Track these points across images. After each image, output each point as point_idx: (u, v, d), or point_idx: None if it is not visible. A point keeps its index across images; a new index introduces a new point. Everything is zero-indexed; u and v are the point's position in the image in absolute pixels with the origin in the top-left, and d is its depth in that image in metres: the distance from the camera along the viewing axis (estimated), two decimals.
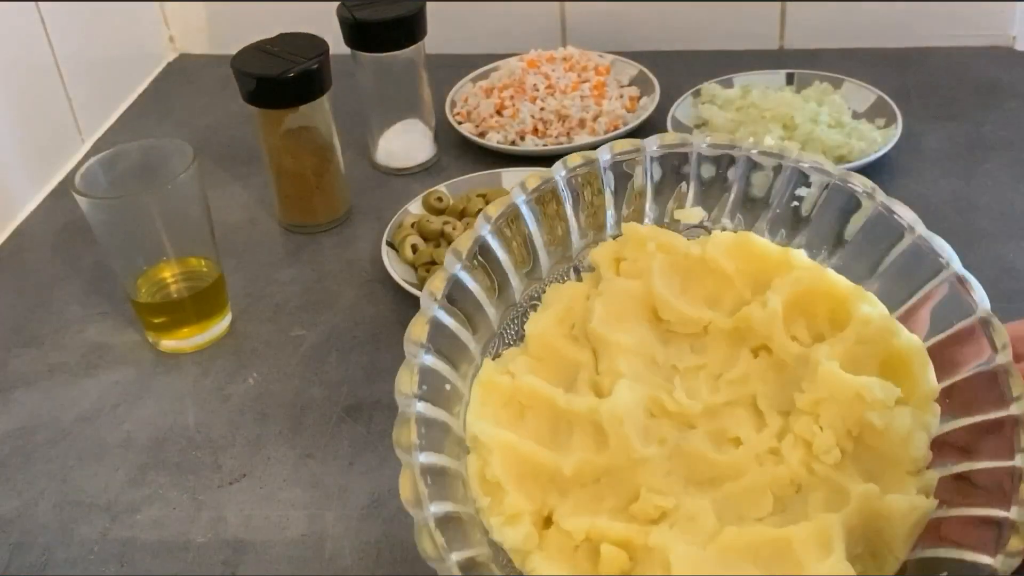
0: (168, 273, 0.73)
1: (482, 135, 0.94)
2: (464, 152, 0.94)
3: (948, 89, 0.97)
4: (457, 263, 0.48)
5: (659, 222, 0.53)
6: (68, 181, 0.87)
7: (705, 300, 0.51)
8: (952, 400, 0.46)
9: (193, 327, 0.74)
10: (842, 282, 0.48)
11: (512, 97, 0.95)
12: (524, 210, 0.50)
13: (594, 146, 0.93)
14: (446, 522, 0.42)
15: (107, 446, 0.67)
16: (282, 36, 0.82)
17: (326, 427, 0.67)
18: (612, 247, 0.52)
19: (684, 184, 0.53)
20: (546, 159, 0.90)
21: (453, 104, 0.98)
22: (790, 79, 0.95)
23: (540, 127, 0.93)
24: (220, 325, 0.75)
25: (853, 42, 1.04)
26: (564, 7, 1.07)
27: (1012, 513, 0.40)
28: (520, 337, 0.51)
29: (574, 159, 0.52)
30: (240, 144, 0.97)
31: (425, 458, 0.43)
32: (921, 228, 0.49)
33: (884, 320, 0.47)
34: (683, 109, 0.93)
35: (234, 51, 0.81)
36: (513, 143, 0.92)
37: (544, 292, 0.52)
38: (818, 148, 0.84)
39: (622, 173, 0.52)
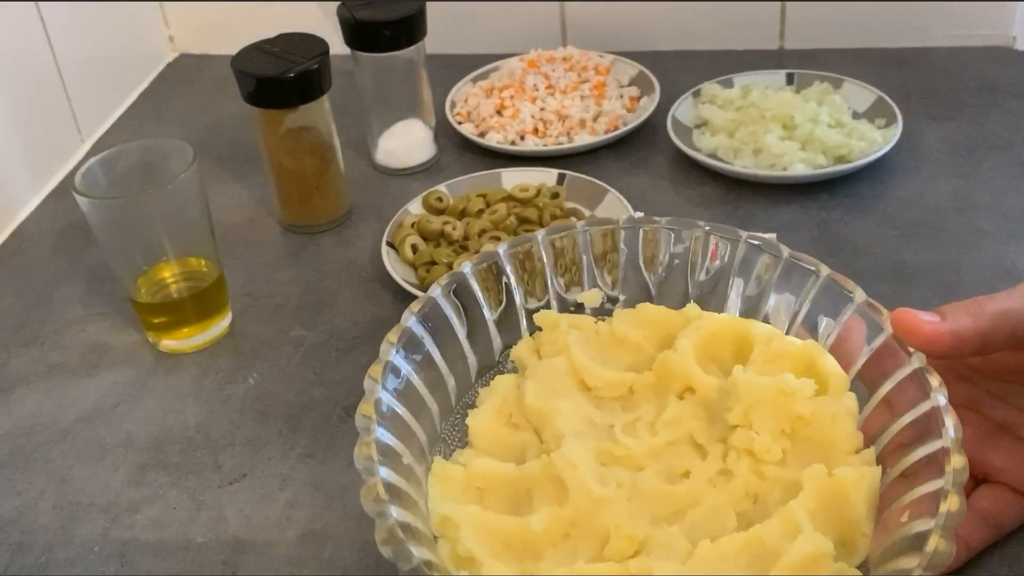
0: (168, 273, 0.73)
1: (482, 135, 0.94)
2: (464, 152, 0.94)
3: (948, 89, 0.97)
4: (392, 348, 0.51)
5: (563, 308, 0.59)
6: (68, 181, 0.87)
7: (624, 369, 0.56)
8: (890, 408, 0.49)
9: (193, 327, 0.74)
10: (732, 317, 0.55)
11: (512, 97, 0.95)
12: (442, 303, 0.55)
13: (594, 147, 0.93)
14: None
15: (107, 446, 0.67)
16: (282, 36, 0.82)
17: (326, 427, 0.67)
18: (530, 342, 0.57)
19: (576, 263, 0.58)
20: (546, 159, 0.90)
21: (453, 104, 0.98)
22: (790, 79, 0.95)
23: (540, 127, 0.93)
24: (220, 325, 0.75)
25: (853, 42, 1.04)
26: (564, 7, 1.07)
27: (944, 482, 0.43)
28: (463, 441, 0.55)
29: (479, 257, 0.57)
30: (240, 144, 0.97)
31: (398, 513, 0.44)
32: (786, 251, 0.55)
33: (777, 335, 0.53)
34: (683, 109, 0.93)
35: (234, 51, 0.81)
36: (513, 143, 0.92)
37: (476, 396, 0.56)
38: (818, 148, 0.84)
39: (521, 262, 0.58)
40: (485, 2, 1.08)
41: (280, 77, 0.77)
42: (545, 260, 0.58)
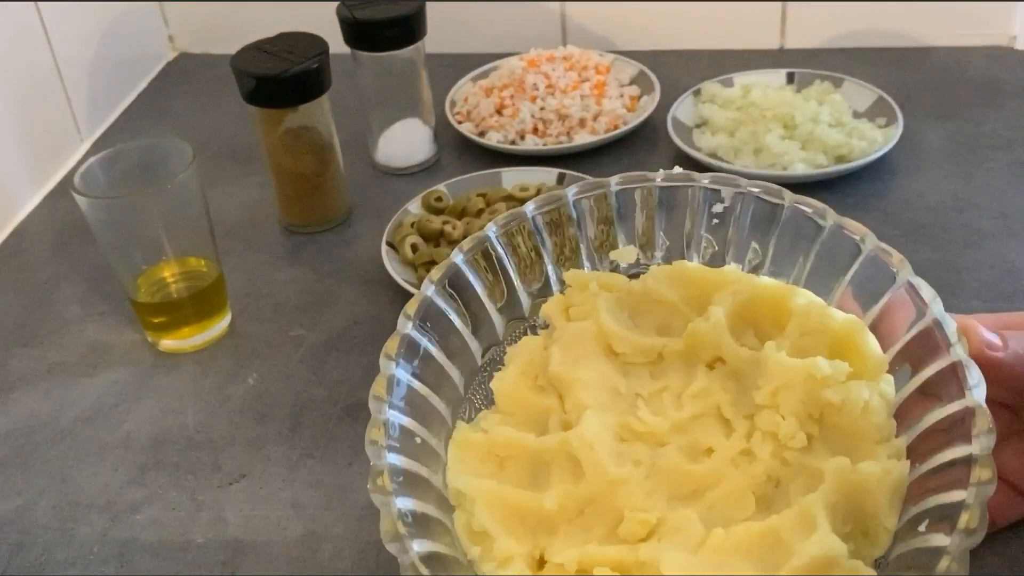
0: (168, 273, 0.73)
1: (482, 135, 0.93)
2: (464, 152, 0.94)
3: (948, 89, 0.97)
4: (408, 323, 0.50)
5: (597, 268, 0.56)
6: (67, 181, 0.86)
7: (656, 330, 0.54)
8: (926, 397, 0.47)
9: (193, 327, 0.74)
10: (774, 284, 0.52)
11: (512, 96, 0.95)
12: (464, 269, 0.53)
13: (594, 146, 0.93)
14: (429, 560, 0.43)
15: (107, 446, 0.67)
16: (282, 36, 0.82)
17: (326, 427, 0.67)
18: (560, 299, 0.55)
19: (613, 225, 0.56)
20: (546, 159, 0.90)
21: (453, 104, 0.98)
22: (790, 78, 0.95)
23: (540, 126, 0.93)
24: (220, 325, 0.75)
25: (853, 42, 1.04)
26: (564, 7, 1.07)
27: (973, 448, 0.42)
28: (489, 401, 0.53)
29: (503, 219, 0.55)
30: (240, 144, 0.97)
31: (403, 503, 0.44)
32: (832, 216, 0.52)
33: (818, 307, 0.50)
34: (683, 109, 0.93)
35: (234, 51, 0.81)
36: (513, 143, 0.92)
37: (504, 354, 0.55)
38: (819, 147, 0.84)
39: (550, 222, 0.55)
40: (485, 2, 1.08)
41: (280, 77, 0.77)
42: (575, 219, 0.55)
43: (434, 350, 0.51)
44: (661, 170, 0.56)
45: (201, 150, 0.74)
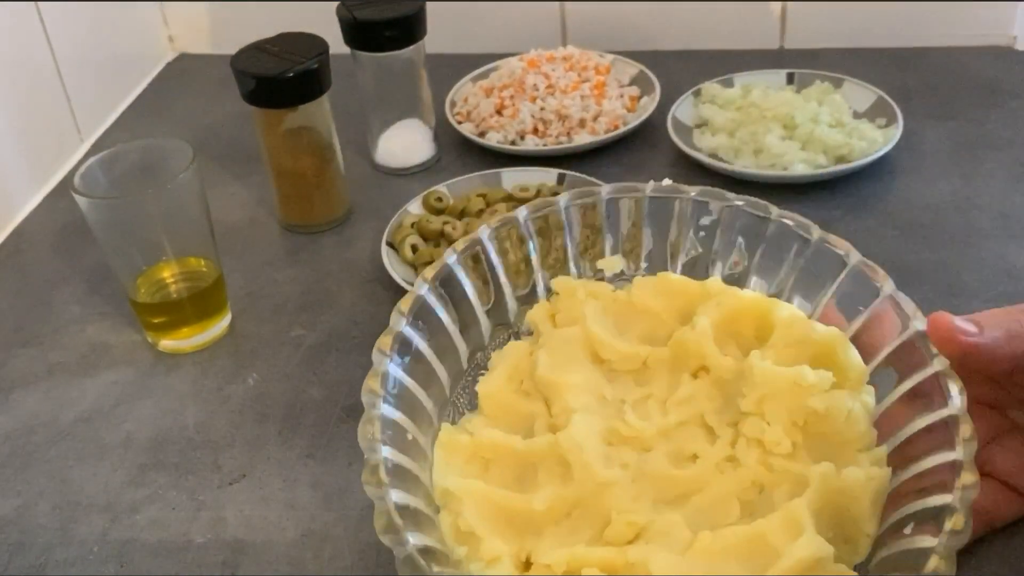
0: (167, 273, 0.73)
1: (482, 135, 0.93)
2: (464, 152, 0.94)
3: (948, 89, 0.97)
4: (402, 319, 0.51)
5: (582, 275, 0.58)
6: (67, 181, 0.87)
7: (640, 339, 0.55)
8: (883, 378, 0.50)
9: (193, 327, 0.74)
10: (757, 296, 0.54)
11: (512, 97, 0.95)
12: (457, 270, 0.54)
13: (594, 147, 0.93)
14: (424, 553, 0.43)
15: (107, 446, 0.67)
16: (282, 36, 0.82)
17: (326, 427, 0.67)
18: (546, 306, 0.56)
19: (601, 233, 0.58)
20: (546, 159, 0.90)
21: (453, 104, 0.98)
22: (791, 79, 0.95)
23: (540, 127, 0.93)
24: (219, 325, 0.75)
25: (853, 42, 1.04)
26: (564, 7, 1.07)
27: (958, 454, 0.43)
28: (473, 405, 0.54)
29: (496, 221, 0.56)
30: (240, 144, 0.97)
31: (397, 496, 0.44)
32: (817, 231, 0.54)
33: (801, 320, 0.52)
34: (683, 109, 0.93)
35: (234, 51, 0.81)
36: (513, 143, 0.92)
37: (488, 359, 0.56)
38: (819, 148, 0.84)
39: (541, 228, 0.57)
40: (485, 2, 1.08)
41: (280, 77, 0.77)
42: (565, 226, 0.57)
43: (424, 348, 0.52)
44: (651, 181, 0.57)
45: (201, 150, 0.74)
